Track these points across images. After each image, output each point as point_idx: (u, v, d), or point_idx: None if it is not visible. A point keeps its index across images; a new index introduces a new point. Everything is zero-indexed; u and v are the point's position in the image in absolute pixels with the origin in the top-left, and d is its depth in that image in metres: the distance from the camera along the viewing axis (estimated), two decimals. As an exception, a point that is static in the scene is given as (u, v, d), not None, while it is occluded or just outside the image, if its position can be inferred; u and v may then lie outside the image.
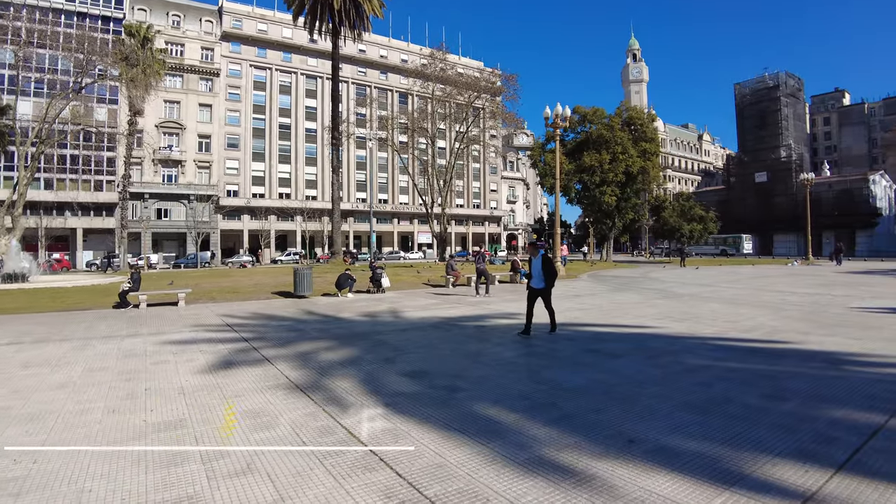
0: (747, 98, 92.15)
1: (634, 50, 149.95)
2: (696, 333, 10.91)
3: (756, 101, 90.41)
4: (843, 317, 12.92)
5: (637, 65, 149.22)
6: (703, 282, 24.95)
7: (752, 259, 59.15)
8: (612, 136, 45.77)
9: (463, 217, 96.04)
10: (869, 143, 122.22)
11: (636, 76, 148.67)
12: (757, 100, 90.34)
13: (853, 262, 48.07)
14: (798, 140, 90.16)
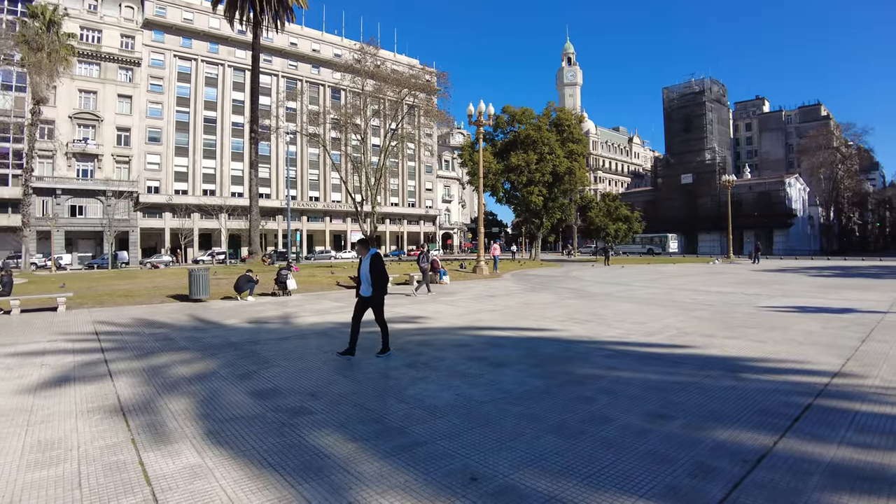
0: (675, 102, 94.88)
1: (569, 54, 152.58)
2: (596, 337, 10.21)
3: (683, 105, 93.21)
4: (751, 317, 12.58)
5: (571, 68, 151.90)
6: (622, 281, 24.75)
7: (677, 258, 60.68)
8: (540, 137, 45.63)
9: (397, 216, 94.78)
10: (786, 148, 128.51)
11: (570, 79, 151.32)
12: (683, 104, 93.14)
13: (770, 261, 49.77)
14: (722, 144, 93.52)
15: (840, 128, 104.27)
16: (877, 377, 6.96)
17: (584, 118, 51.28)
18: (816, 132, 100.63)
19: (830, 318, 12.10)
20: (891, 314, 12.85)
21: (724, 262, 45.14)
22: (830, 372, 7.26)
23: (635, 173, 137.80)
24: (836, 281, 24.05)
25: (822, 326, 11.00)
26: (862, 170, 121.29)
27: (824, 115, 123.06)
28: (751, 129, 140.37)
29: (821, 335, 10.03)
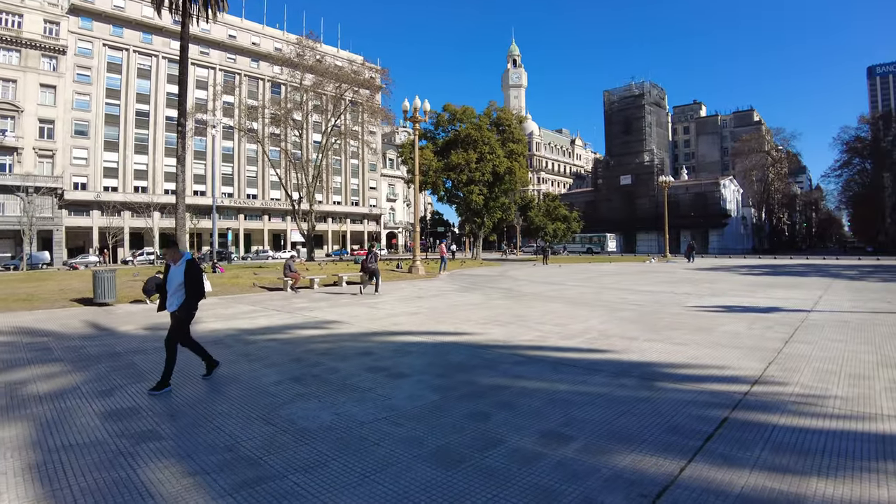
0: (615, 105, 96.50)
1: (515, 56, 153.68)
2: (513, 341, 9.51)
3: (623, 108, 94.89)
4: (677, 317, 12.17)
5: (517, 70, 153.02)
6: (556, 280, 24.37)
7: (615, 256, 61.48)
8: (481, 136, 45.15)
9: (340, 215, 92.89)
10: (721, 151, 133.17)
11: (515, 81, 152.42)
12: (624, 107, 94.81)
13: (704, 260, 50.84)
14: (660, 146, 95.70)
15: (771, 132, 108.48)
16: (797, 383, 6.46)
17: (525, 118, 51.20)
18: (749, 136, 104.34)
19: (756, 319, 11.80)
20: (814, 313, 12.69)
21: (659, 261, 45.77)
22: (751, 378, 6.73)
23: (577, 174, 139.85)
24: (764, 279, 24.34)
25: (747, 327, 10.64)
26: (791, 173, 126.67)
27: (756, 120, 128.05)
28: (688, 133, 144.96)
29: (745, 337, 9.62)
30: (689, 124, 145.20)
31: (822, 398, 5.86)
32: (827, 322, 11.24)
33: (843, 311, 12.94)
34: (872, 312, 12.82)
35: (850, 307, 13.93)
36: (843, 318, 11.72)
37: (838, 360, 7.66)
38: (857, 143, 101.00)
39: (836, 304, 14.41)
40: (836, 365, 7.39)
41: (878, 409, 5.45)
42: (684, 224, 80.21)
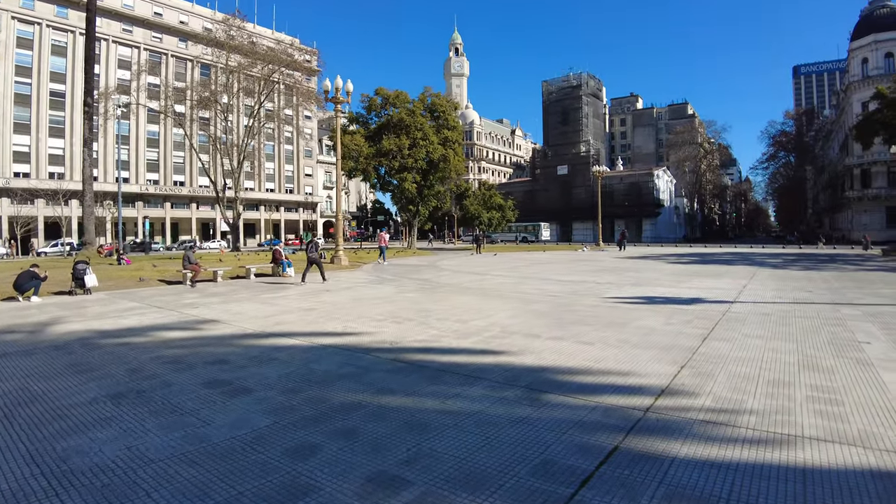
0: (553, 95, 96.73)
1: (457, 44, 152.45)
2: (402, 342, 8.25)
3: (560, 98, 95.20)
4: (592, 310, 11.21)
5: (459, 59, 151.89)
6: (481, 269, 23.33)
7: (550, 245, 61.35)
8: (414, 122, 43.72)
9: (274, 202, 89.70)
10: (656, 143, 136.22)
11: (458, 70, 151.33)
12: (561, 97, 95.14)
13: (637, 248, 51.18)
14: (597, 137, 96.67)
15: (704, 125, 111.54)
16: (709, 394, 5.45)
17: (459, 105, 49.92)
18: (683, 128, 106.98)
19: (675, 311, 10.96)
20: (737, 304, 12.00)
21: (592, 250, 45.67)
22: (657, 388, 5.68)
23: (517, 164, 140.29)
24: (691, 268, 24.03)
25: (664, 321, 9.74)
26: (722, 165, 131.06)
27: (690, 113, 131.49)
28: (625, 125, 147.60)
29: (660, 333, 8.68)
30: (625, 116, 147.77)
31: (735, 414, 4.85)
32: (749, 315, 10.50)
33: (765, 302, 12.32)
34: (794, 303, 12.25)
35: (773, 297, 13.38)
36: (765, 311, 11.04)
37: (757, 362, 6.75)
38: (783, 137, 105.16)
39: (759, 295, 13.85)
40: (755, 368, 6.47)
41: (798, 429, 4.46)
42: (619, 213, 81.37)
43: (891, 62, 65.66)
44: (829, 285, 16.38)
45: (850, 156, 71.93)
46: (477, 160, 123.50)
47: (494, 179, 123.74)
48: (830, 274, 20.69)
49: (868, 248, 45.38)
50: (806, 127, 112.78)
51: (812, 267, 24.68)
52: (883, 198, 66.78)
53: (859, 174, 70.71)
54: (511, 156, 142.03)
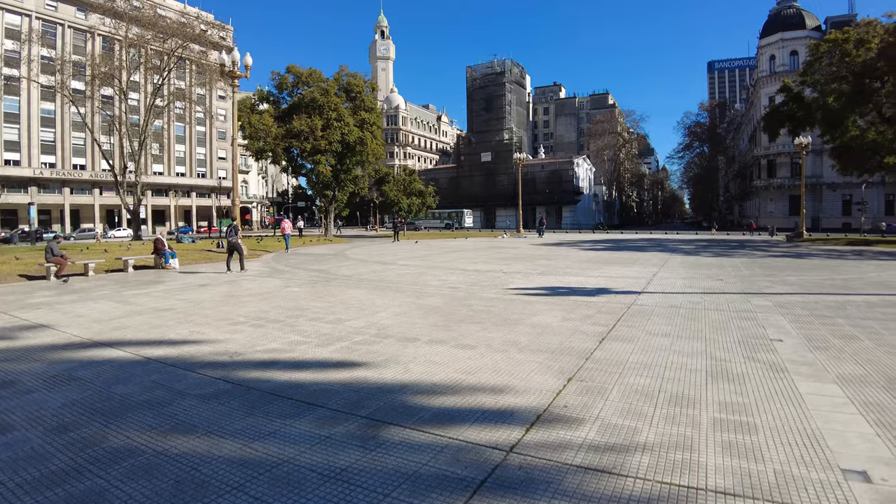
0: (477, 82, 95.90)
1: (383, 27, 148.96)
2: (247, 352, 6.72)
3: (484, 84, 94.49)
4: (488, 305, 10.03)
5: (385, 42, 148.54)
6: (389, 259, 21.89)
7: (473, 232, 60.62)
8: (327, 101, 41.38)
9: (185, 187, 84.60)
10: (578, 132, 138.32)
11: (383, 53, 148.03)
12: (485, 84, 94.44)
13: (556, 234, 51.22)
14: (520, 124, 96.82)
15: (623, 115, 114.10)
16: (595, 421, 4.28)
17: (377, 86, 47.86)
18: (602, 117, 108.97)
19: (578, 304, 9.95)
20: (644, 295, 11.16)
21: (512, 237, 45.17)
22: (532, 413, 4.47)
23: (443, 151, 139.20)
24: (604, 255, 23.51)
25: (562, 317, 8.66)
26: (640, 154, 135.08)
27: (611, 103, 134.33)
28: (548, 113, 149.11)
29: (554, 332, 7.56)
30: (549, 105, 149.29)
31: (624, 453, 3.68)
32: (656, 307, 9.61)
33: (675, 293, 11.55)
34: (704, 293, 11.55)
35: (683, 286, 12.69)
36: (674, 302, 10.21)
37: (660, 370, 5.69)
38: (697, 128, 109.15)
39: (669, 284, 13.15)
40: (656, 379, 5.39)
41: (702, 476, 3.34)
42: (540, 200, 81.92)
43: (796, 59, 68.68)
44: (739, 273, 16.01)
45: (758, 147, 75.36)
46: (402, 145, 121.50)
47: (420, 165, 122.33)
48: (740, 261, 20.60)
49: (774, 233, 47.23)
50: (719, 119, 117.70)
51: (723, 253, 24.76)
52: (787, 187, 70.31)
53: (766, 164, 74.24)
54: (437, 142, 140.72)
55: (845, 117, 32.66)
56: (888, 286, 12.99)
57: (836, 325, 8.06)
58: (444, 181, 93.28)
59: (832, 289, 12.44)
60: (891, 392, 5.01)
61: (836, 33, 33.59)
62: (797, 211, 55.53)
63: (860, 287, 12.81)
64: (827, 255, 23.78)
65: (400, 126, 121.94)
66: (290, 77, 43.95)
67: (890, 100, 30.54)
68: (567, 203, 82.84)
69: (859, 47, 30.81)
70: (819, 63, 34.18)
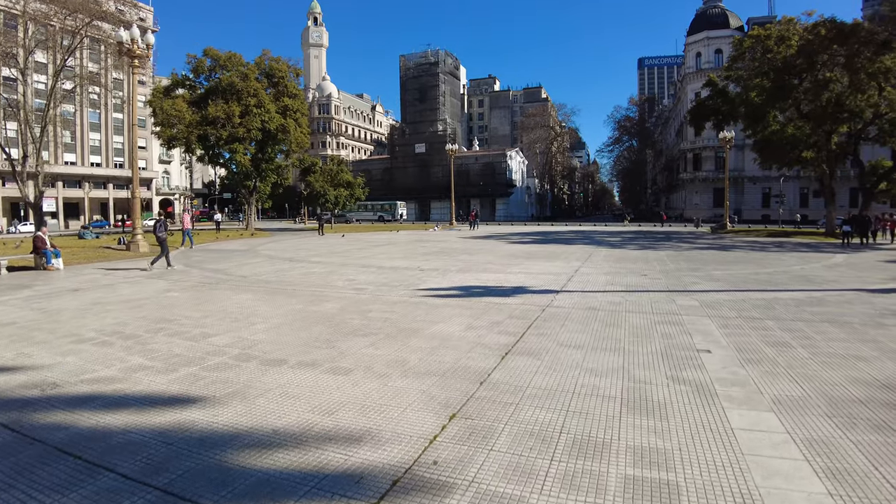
0: (411, 71, 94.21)
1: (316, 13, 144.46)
2: (68, 382, 5.24)
3: (418, 74, 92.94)
4: (390, 310, 8.82)
5: (318, 29, 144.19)
6: (302, 255, 20.30)
7: (406, 224, 59.21)
8: (247, 87, 39.01)
9: (101, 179, 79.08)
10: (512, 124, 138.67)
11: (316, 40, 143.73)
12: (419, 74, 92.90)
13: (488, 227, 50.62)
14: (454, 116, 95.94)
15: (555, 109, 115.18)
16: (468, 487, 3.12)
17: (300, 71, 45.55)
18: (535, 111, 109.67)
19: (489, 307, 8.88)
20: (563, 294, 10.23)
21: (443, 229, 44.16)
22: (388, 477, 3.28)
23: (378, 142, 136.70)
24: (530, 248, 22.73)
25: (467, 325, 7.55)
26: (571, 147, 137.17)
27: (544, 97, 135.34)
28: (483, 106, 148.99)
29: (453, 345, 6.43)
30: (483, 97, 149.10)
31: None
32: (573, 310, 8.66)
33: (596, 291, 10.69)
34: (627, 291, 10.76)
35: (606, 283, 11.89)
36: (593, 303, 9.30)
37: (566, 398, 4.63)
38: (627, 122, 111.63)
39: (591, 280, 12.32)
40: (560, 412, 4.32)
41: None
42: (474, 193, 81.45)
43: (720, 57, 70.64)
44: (664, 267, 15.45)
45: (685, 141, 77.47)
46: (335, 135, 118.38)
47: (354, 156, 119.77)
48: (666, 253, 20.24)
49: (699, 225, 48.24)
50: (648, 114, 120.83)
51: (649, 246, 24.49)
52: (711, 179, 72.57)
53: (692, 158, 76.41)
54: (372, 132, 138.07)
55: (767, 112, 33.29)
56: (811, 281, 12.62)
57: (767, 330, 7.30)
58: (378, 172, 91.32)
59: (758, 284, 11.93)
60: (834, 420, 4.14)
61: (758, 30, 34.18)
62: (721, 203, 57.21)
63: (785, 282, 12.38)
64: (750, 247, 23.88)
65: (332, 115, 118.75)
66: (207, 60, 41.22)
67: (807, 96, 31.21)
68: (500, 195, 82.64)
69: (780, 44, 31.34)
70: (742, 59, 34.71)
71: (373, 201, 76.52)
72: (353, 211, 72.37)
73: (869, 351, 6.26)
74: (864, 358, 5.96)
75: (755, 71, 33.26)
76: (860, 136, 33.30)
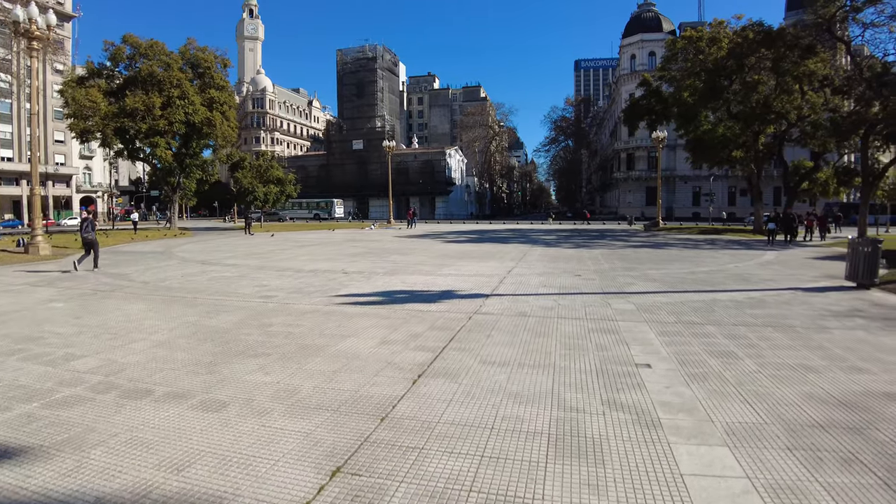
0: (348, 66, 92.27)
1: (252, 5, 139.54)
2: None
3: (356, 70, 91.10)
4: (297, 322, 7.79)
5: (253, 21, 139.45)
6: (218, 257, 18.76)
7: (342, 223, 57.37)
8: (169, 77, 36.65)
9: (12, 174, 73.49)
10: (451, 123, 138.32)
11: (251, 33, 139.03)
12: (357, 69, 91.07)
13: (427, 225, 49.90)
14: (392, 113, 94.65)
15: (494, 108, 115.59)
16: None
17: (229, 62, 43.24)
18: (474, 110, 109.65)
19: (410, 316, 7.97)
20: (492, 299, 9.45)
21: (379, 228, 43.01)
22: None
23: (315, 137, 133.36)
24: (465, 248, 21.96)
25: (382, 339, 6.60)
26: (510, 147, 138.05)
27: (483, 96, 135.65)
28: (423, 103, 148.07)
29: (358, 367, 5.48)
30: (423, 95, 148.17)
31: None
32: (502, 316, 7.88)
33: (528, 295, 9.97)
34: (560, 293, 10.09)
35: (539, 285, 11.21)
36: (524, 308, 8.55)
37: (482, 438, 3.77)
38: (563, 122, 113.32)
39: (523, 282, 11.61)
40: (473, 458, 3.44)
41: None
42: (414, 191, 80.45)
43: (654, 60, 72.16)
44: (598, 266, 14.97)
45: (619, 141, 79.00)
46: (270, 130, 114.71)
47: (291, 152, 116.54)
48: (600, 252, 19.89)
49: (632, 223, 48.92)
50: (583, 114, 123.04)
51: (583, 244, 24.20)
52: (644, 178, 74.27)
53: (625, 157, 78.03)
54: (309, 128, 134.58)
55: (699, 112, 33.84)
56: (747, 280, 12.35)
57: (709, 337, 6.69)
58: (315, 169, 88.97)
59: (695, 284, 11.52)
60: (797, 454, 3.47)
61: (691, 31, 34.74)
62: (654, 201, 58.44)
63: (722, 281, 12.04)
64: (683, 245, 23.95)
65: (267, 110, 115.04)
66: (126, 48, 38.47)
67: (737, 97, 31.83)
68: (440, 194, 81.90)
69: (712, 45, 31.88)
70: (675, 59, 35.14)
71: (309, 199, 74.27)
72: (288, 209, 70.05)
73: (818, 360, 5.73)
74: (815, 369, 5.41)
75: (688, 71, 33.74)
76: (784, 138, 34.29)
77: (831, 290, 10.83)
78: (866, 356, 5.93)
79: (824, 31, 28.03)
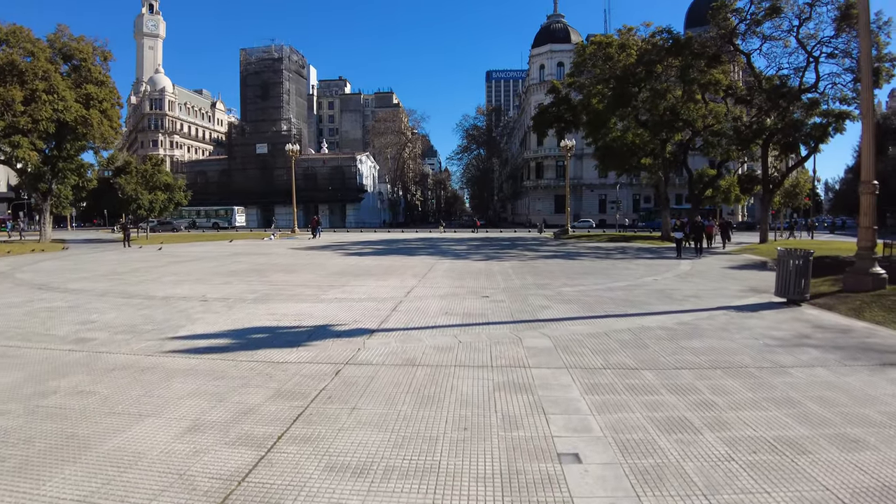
0: (252, 66, 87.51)
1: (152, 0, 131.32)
2: None
3: (260, 70, 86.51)
4: (74, 395, 5.55)
5: (153, 17, 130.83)
6: (68, 276, 15.77)
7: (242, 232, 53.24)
8: (33, 68, 32.28)
9: None
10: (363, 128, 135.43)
11: (151, 29, 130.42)
12: (261, 69, 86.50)
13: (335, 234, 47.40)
14: (300, 116, 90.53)
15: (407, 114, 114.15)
16: None
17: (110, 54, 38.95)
18: (385, 115, 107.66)
19: (255, 372, 5.90)
20: (378, 335, 7.52)
21: (281, 237, 40.09)
22: None
23: (218, 141, 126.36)
24: (366, 262, 19.83)
25: (194, 420, 4.48)
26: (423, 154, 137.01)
27: (395, 102, 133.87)
28: (333, 108, 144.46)
29: (126, 485, 3.36)
30: (334, 99, 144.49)
31: None
32: (381, 367, 5.98)
33: (422, 328, 8.14)
34: (462, 325, 8.35)
35: (439, 311, 9.45)
36: (413, 353, 6.66)
37: None
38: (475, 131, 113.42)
39: (421, 308, 9.78)
40: None
41: None
42: (323, 198, 77.27)
43: (562, 70, 73.03)
44: (508, 283, 13.41)
45: (528, 150, 79.61)
46: (169, 133, 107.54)
47: (192, 156, 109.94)
48: (510, 265, 18.45)
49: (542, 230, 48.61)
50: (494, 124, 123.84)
51: (493, 255, 22.79)
52: (552, 187, 75.10)
53: (535, 166, 78.75)
54: (212, 131, 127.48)
55: (608, 119, 33.57)
56: (671, 297, 11.14)
57: (651, 393, 5.07)
58: (216, 174, 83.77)
59: (616, 305, 10.12)
60: None
61: (600, 37, 34.54)
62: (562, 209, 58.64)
63: (644, 300, 10.74)
64: (595, 254, 23.10)
65: (166, 111, 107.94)
66: (-19, 34, 33.62)
67: (646, 105, 31.75)
68: (351, 201, 78.97)
69: (621, 52, 31.67)
70: (585, 65, 34.77)
71: (208, 207, 69.50)
72: (185, 218, 65.12)
73: (797, 426, 4.24)
74: (798, 444, 3.90)
75: (597, 78, 33.48)
76: (689, 146, 34.73)
77: (763, 309, 9.73)
78: (849, 415, 4.52)
79: (727, 42, 28.38)
